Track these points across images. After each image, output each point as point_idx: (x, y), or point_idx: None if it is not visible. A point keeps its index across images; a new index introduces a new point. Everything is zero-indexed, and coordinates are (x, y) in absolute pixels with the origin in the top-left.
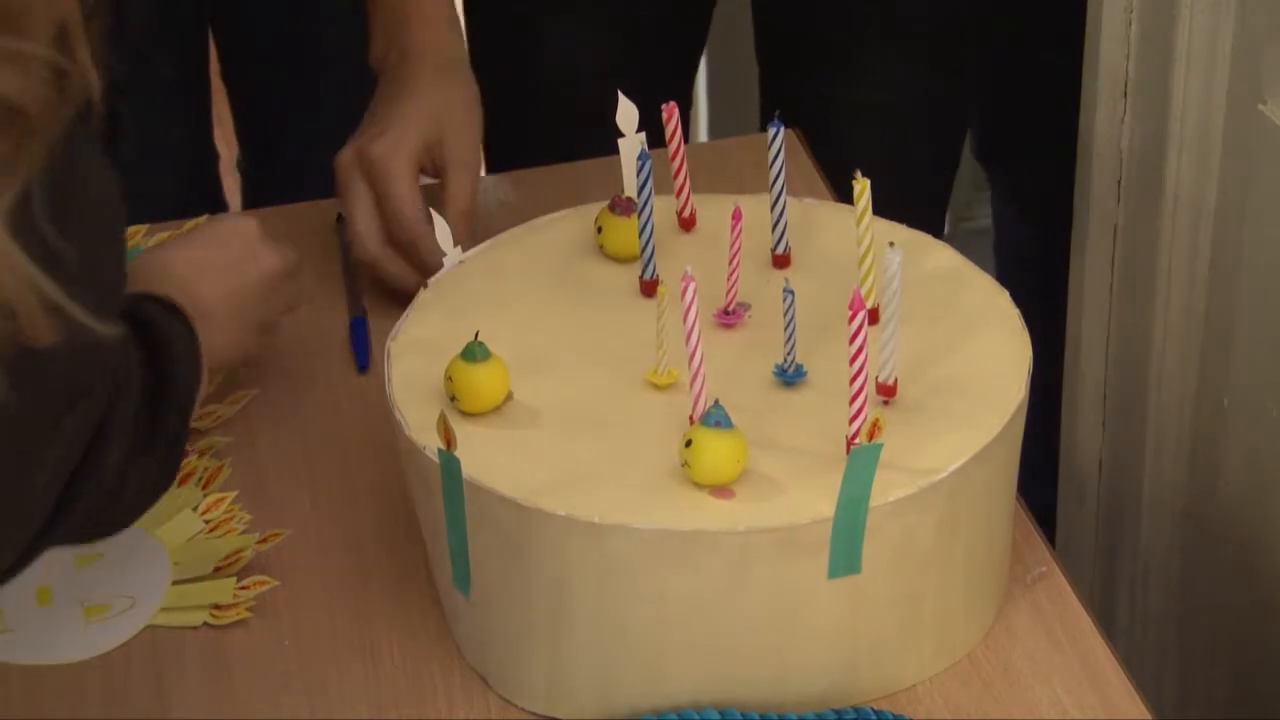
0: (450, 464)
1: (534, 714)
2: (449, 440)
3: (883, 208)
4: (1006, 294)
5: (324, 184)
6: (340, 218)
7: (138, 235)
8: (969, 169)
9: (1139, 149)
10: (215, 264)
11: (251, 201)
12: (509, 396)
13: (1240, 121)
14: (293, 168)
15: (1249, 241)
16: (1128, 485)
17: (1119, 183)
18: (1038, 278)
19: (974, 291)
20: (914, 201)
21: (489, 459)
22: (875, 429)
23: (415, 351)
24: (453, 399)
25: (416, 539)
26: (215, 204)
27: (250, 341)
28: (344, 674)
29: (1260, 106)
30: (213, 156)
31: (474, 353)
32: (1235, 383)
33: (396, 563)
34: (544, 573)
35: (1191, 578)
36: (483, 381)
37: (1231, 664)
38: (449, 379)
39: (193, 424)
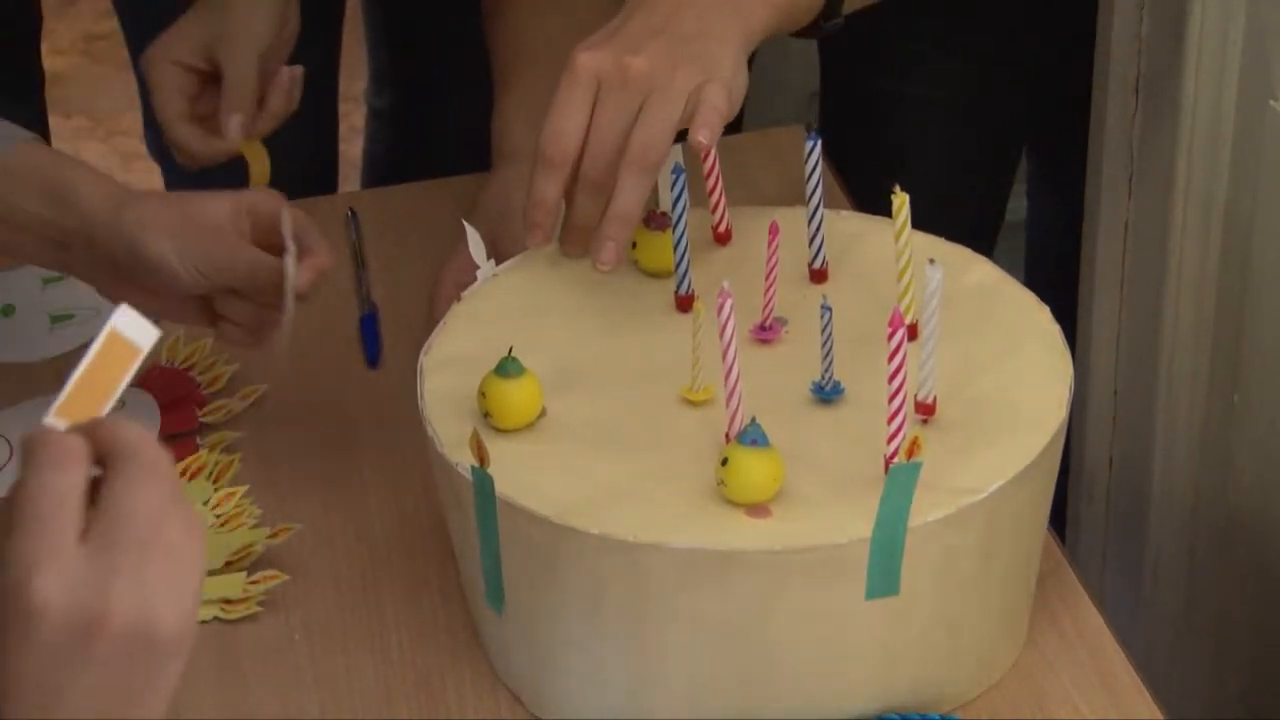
0: (483, 481)
1: (515, 694)
2: (482, 458)
3: (937, 208)
4: (1047, 310)
5: (456, 126)
6: (352, 211)
7: None
8: None
9: (1150, 145)
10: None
11: (381, 138)
12: (543, 413)
13: (1251, 118)
14: (431, 106)
15: (1259, 238)
16: (1138, 482)
17: (1130, 179)
18: (1066, 265)
19: (1014, 307)
20: (969, 201)
21: (522, 476)
22: (914, 447)
23: (449, 366)
24: (486, 415)
25: (427, 534)
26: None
27: None
28: (354, 669)
29: (1271, 103)
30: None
31: (508, 368)
32: (1245, 379)
33: (407, 557)
34: (577, 591)
35: (1201, 574)
36: (516, 398)
37: (1241, 661)
38: (482, 395)
39: (204, 419)
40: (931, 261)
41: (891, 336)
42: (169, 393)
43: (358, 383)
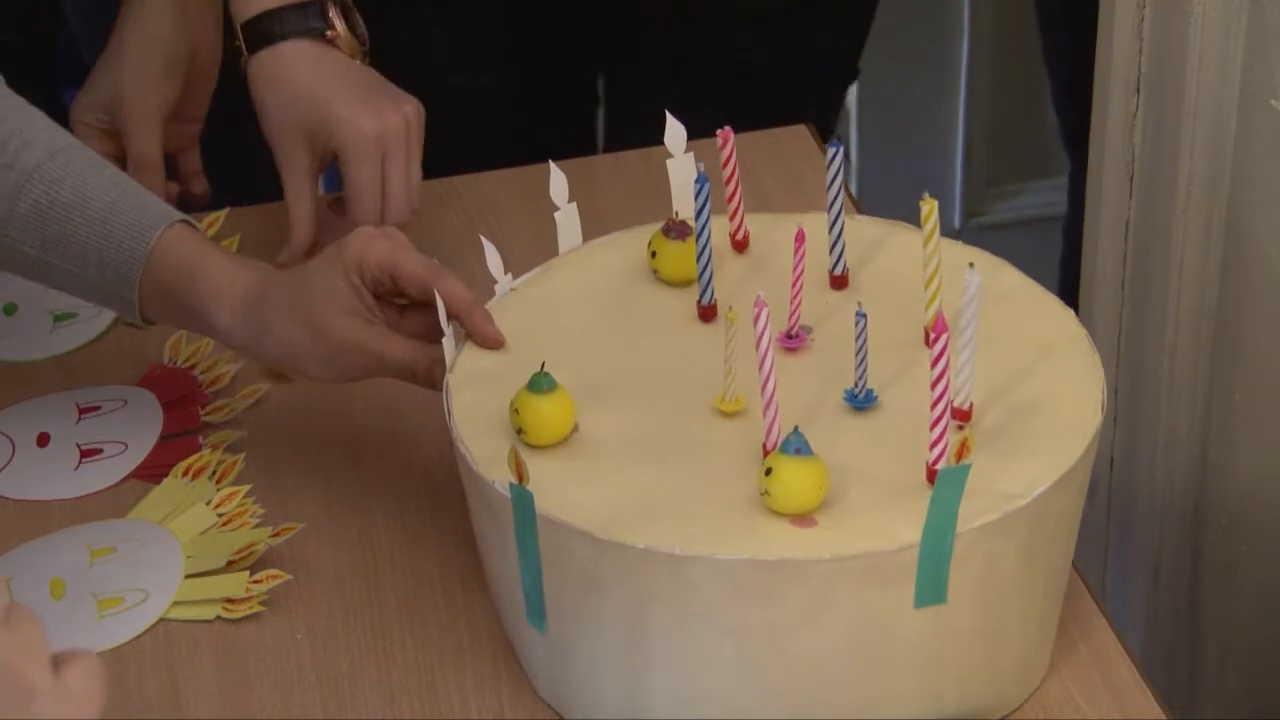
0: (523, 499)
1: (547, 714)
2: (521, 475)
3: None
4: (1073, 314)
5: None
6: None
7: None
8: (978, 165)
9: (1151, 144)
10: None
11: None
12: (575, 428)
13: (1253, 117)
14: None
15: (1261, 238)
16: (1139, 481)
17: (1131, 178)
18: None
19: (1042, 312)
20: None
21: (561, 492)
22: (964, 449)
23: (474, 383)
24: (519, 432)
25: (429, 533)
26: None
27: None
28: (356, 668)
29: (1273, 102)
30: None
31: (540, 384)
32: (1246, 379)
33: (409, 557)
34: (622, 606)
35: (1203, 574)
36: (550, 413)
37: (1243, 661)
38: (515, 411)
39: (206, 418)
40: (971, 266)
41: (935, 342)
42: (171, 392)
43: (360, 381)
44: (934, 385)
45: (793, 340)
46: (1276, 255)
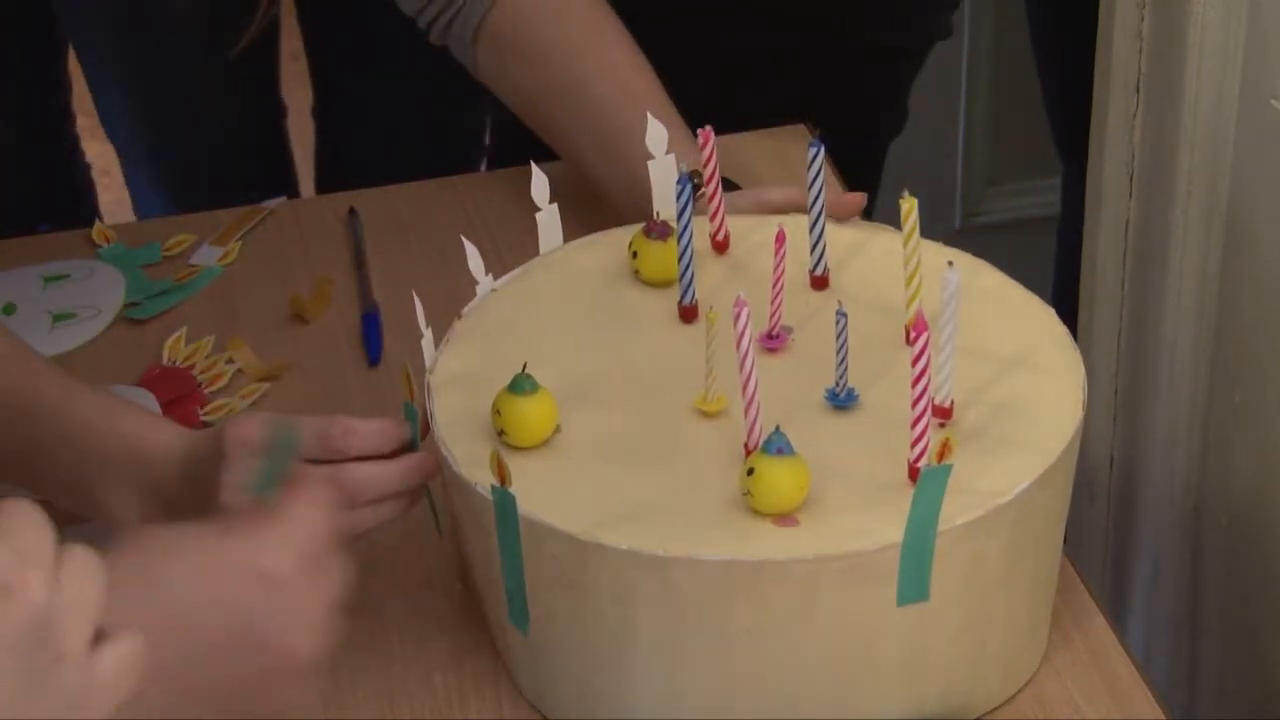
0: (505, 501)
1: (542, 714)
2: (503, 477)
3: None
4: (1052, 311)
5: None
6: (353, 211)
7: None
8: (979, 165)
9: (1151, 144)
10: (219, 647)
11: (320, 140)
12: (557, 429)
13: (1253, 116)
14: (354, 102)
15: (1261, 237)
16: (1139, 481)
17: (1131, 177)
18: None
19: (1021, 310)
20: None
21: (543, 494)
22: (945, 449)
23: (455, 384)
24: (501, 433)
25: (428, 533)
26: (282, 164)
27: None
28: (356, 669)
29: (1273, 101)
30: (280, 112)
31: (522, 385)
32: (1247, 378)
33: (408, 558)
34: (605, 608)
35: (1203, 574)
36: (532, 414)
37: (1243, 661)
38: (497, 413)
39: (205, 418)
40: (950, 264)
41: (915, 340)
42: (170, 391)
43: (360, 382)
44: (914, 383)
45: (773, 340)
46: (1276, 255)
